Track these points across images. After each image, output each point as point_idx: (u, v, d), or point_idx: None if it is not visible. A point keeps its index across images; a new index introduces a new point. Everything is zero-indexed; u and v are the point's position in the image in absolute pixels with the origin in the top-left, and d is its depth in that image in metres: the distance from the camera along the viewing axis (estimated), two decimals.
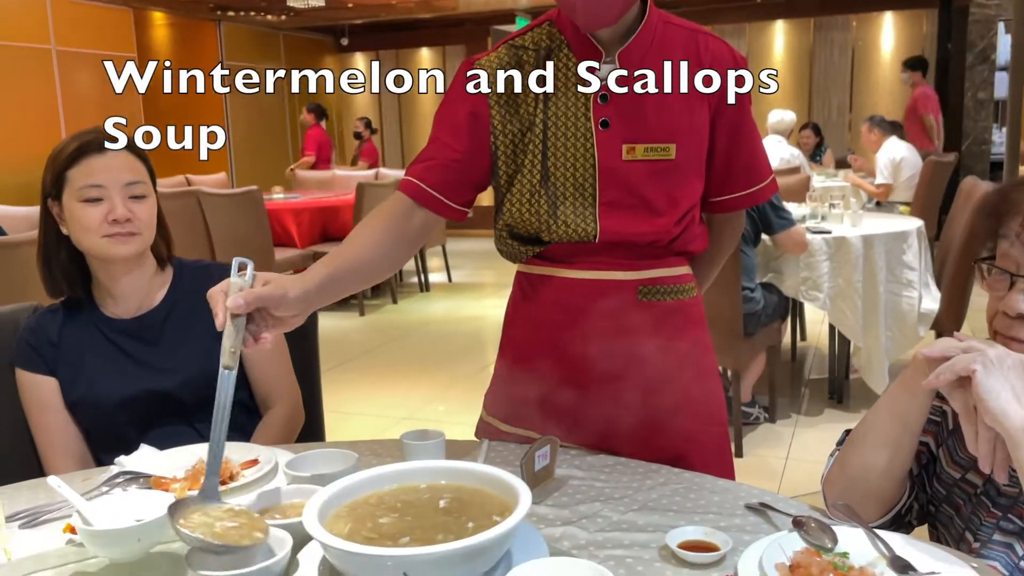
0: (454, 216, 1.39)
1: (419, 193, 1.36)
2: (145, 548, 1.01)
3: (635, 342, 1.34)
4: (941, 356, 1.04)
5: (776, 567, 0.95)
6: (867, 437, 1.15)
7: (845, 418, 3.76)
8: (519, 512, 0.89)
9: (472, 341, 5.52)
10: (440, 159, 1.36)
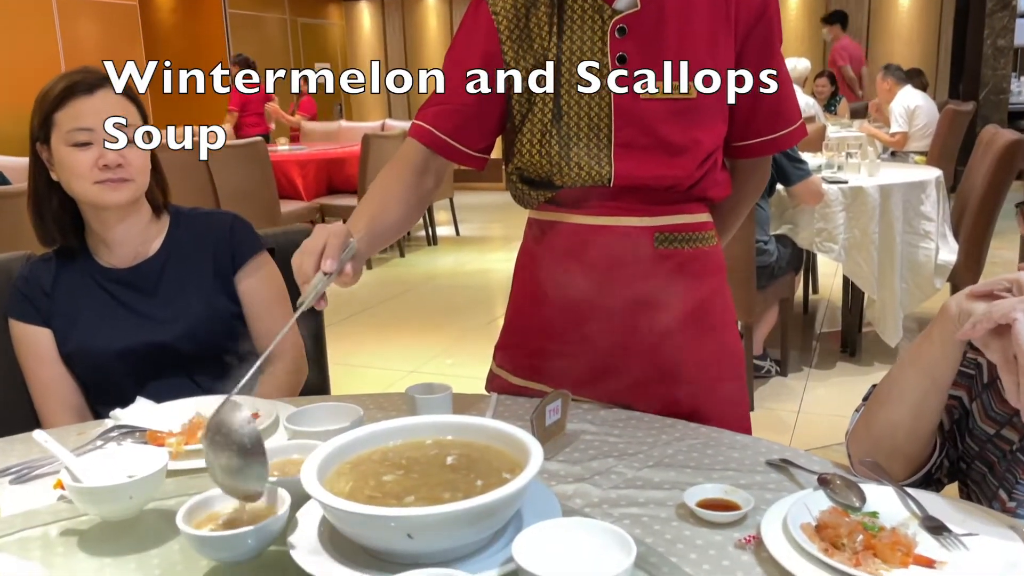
0: (472, 164, 1.32)
1: (434, 141, 1.29)
2: (138, 505, 0.97)
3: (651, 292, 1.28)
4: (988, 292, 0.98)
5: (802, 527, 0.90)
6: (892, 393, 1.08)
7: (857, 371, 3.71)
8: (530, 469, 0.83)
9: (480, 295, 5.46)
10: (453, 103, 1.29)
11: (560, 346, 1.35)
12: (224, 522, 0.88)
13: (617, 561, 0.76)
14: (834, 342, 4.07)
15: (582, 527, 0.82)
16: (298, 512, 0.91)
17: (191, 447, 1.15)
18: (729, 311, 1.35)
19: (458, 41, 1.32)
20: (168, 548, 0.93)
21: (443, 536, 0.80)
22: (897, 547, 0.86)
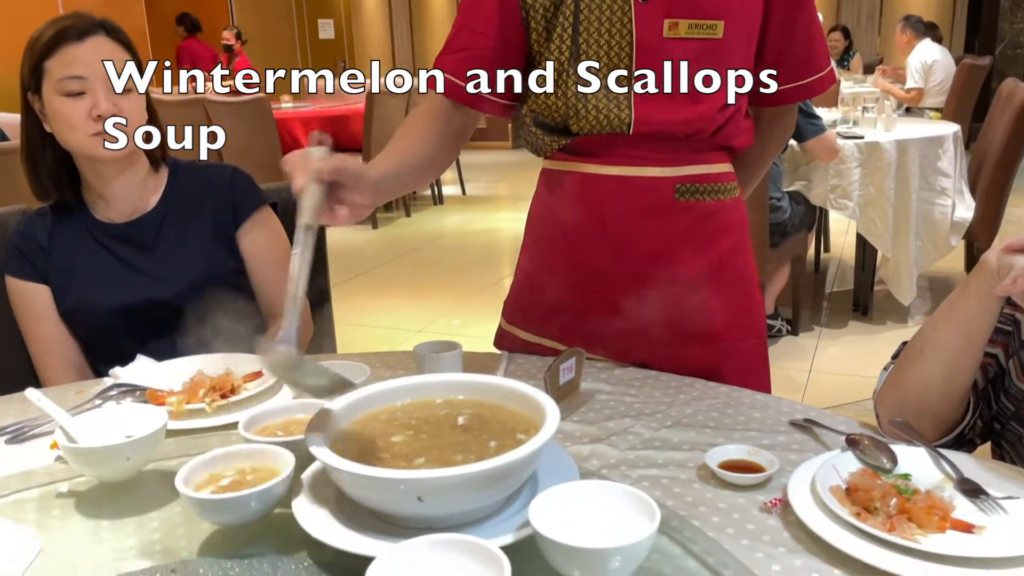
0: (498, 112, 1.26)
1: (457, 91, 1.23)
2: (136, 466, 0.93)
3: (670, 246, 1.22)
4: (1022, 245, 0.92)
5: (831, 490, 0.86)
6: (924, 350, 1.03)
7: (869, 331, 3.66)
8: (547, 429, 0.79)
9: (487, 254, 5.41)
10: (473, 49, 1.23)
11: (574, 302, 1.30)
12: (226, 484, 0.84)
13: (640, 526, 0.72)
14: (846, 301, 4.02)
15: (602, 490, 0.77)
16: (303, 474, 0.87)
17: (192, 406, 1.11)
18: (750, 266, 1.30)
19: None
20: (168, 510, 0.89)
21: (455, 499, 0.76)
22: (933, 511, 0.82)
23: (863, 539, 0.79)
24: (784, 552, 0.81)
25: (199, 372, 1.20)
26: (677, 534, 0.82)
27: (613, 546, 0.69)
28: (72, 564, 0.81)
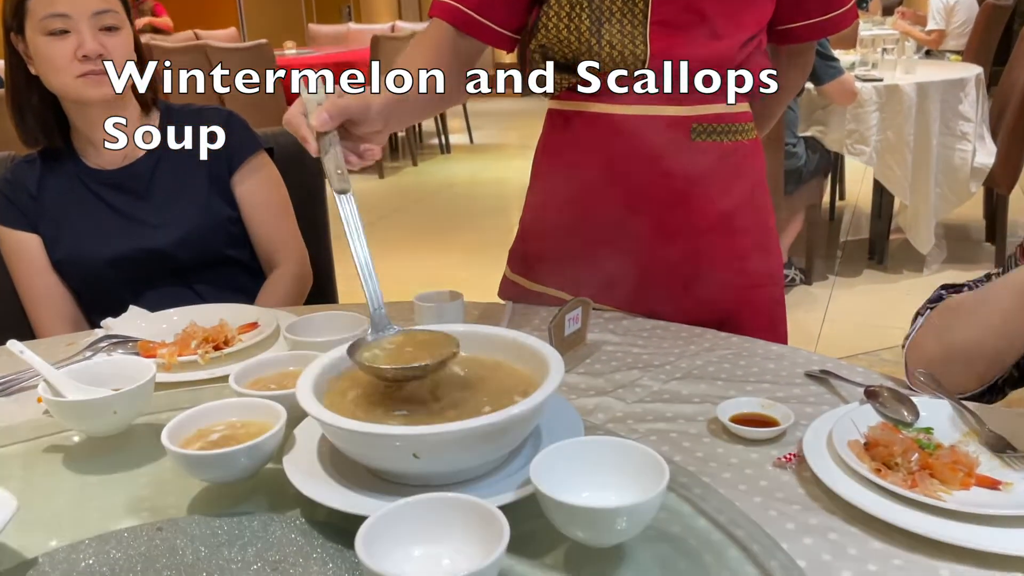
0: (501, 45, 1.19)
1: (459, 18, 1.16)
2: (123, 421, 0.89)
3: (685, 189, 1.16)
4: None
5: (849, 445, 0.82)
6: (980, 315, 0.95)
7: (885, 279, 3.60)
8: (550, 383, 0.75)
9: (496, 204, 5.34)
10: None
11: (581, 249, 1.25)
12: (215, 440, 0.81)
13: (648, 484, 0.68)
14: (860, 250, 3.95)
15: (608, 446, 0.73)
16: (295, 429, 0.83)
17: (185, 358, 1.07)
18: (768, 210, 1.24)
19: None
20: (158, 466, 0.86)
21: (452, 457, 0.72)
22: (957, 467, 0.78)
23: (883, 496, 0.75)
24: (799, 510, 0.77)
25: (192, 323, 1.16)
26: (686, 491, 0.78)
27: (619, 505, 0.65)
28: (57, 522, 0.78)
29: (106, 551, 0.71)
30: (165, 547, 0.71)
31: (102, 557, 0.70)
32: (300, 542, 0.72)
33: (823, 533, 0.73)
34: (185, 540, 0.72)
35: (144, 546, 0.72)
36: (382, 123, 0.97)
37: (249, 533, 0.73)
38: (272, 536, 0.73)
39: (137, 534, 0.73)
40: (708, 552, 0.70)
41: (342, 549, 0.70)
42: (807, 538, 0.73)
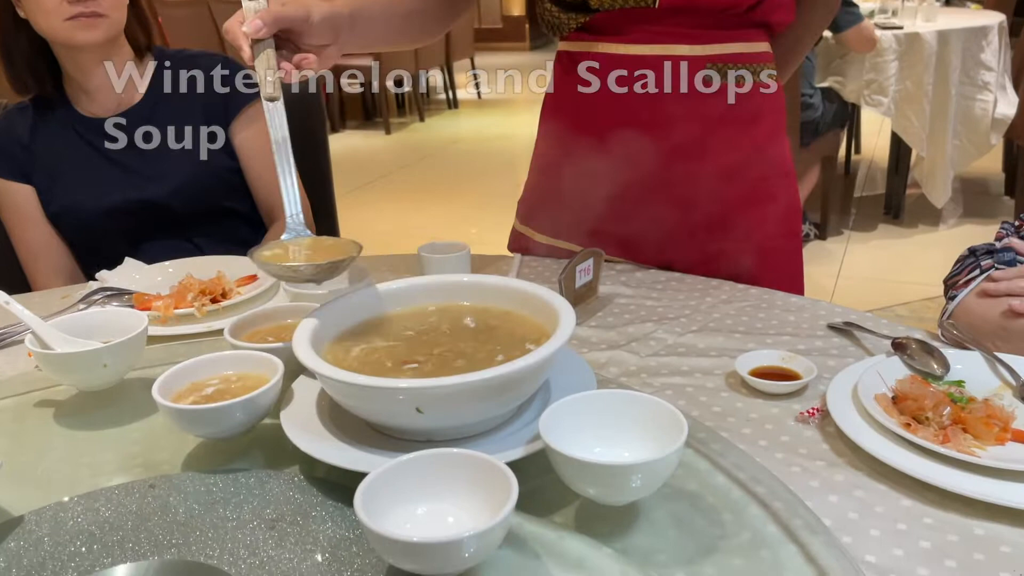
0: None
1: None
2: (115, 374, 0.86)
3: (700, 134, 1.11)
4: None
5: (876, 399, 0.78)
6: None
7: (900, 234, 3.54)
8: (561, 334, 0.71)
9: (503, 160, 5.26)
10: None
11: (591, 198, 1.19)
12: (209, 394, 0.77)
13: (665, 439, 0.64)
14: (875, 205, 3.87)
15: (622, 400, 0.69)
16: (293, 383, 0.79)
17: (181, 311, 1.04)
18: (787, 158, 1.18)
19: None
20: (151, 422, 0.82)
21: (458, 411, 0.68)
22: (992, 421, 0.74)
23: (913, 452, 0.71)
24: (823, 466, 0.73)
25: (188, 275, 1.12)
26: (704, 447, 0.74)
27: (635, 462, 0.61)
28: (46, 479, 0.75)
29: (95, 508, 0.68)
30: (157, 504, 0.68)
31: (91, 515, 0.67)
32: (298, 500, 0.68)
33: (849, 490, 0.70)
34: (178, 497, 0.69)
35: (135, 504, 0.68)
36: (330, 35, 0.90)
37: (245, 490, 0.70)
38: (269, 493, 0.69)
39: (128, 491, 0.70)
40: (727, 510, 0.66)
41: (342, 507, 0.67)
42: (832, 496, 0.69)
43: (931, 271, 3.12)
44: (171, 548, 0.63)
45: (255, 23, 0.83)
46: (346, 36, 0.93)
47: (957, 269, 1.02)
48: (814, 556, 0.60)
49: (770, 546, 0.62)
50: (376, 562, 0.60)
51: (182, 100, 1.42)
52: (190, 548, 0.63)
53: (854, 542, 0.64)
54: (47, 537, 0.65)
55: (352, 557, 0.61)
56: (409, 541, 0.54)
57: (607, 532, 0.64)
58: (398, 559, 0.56)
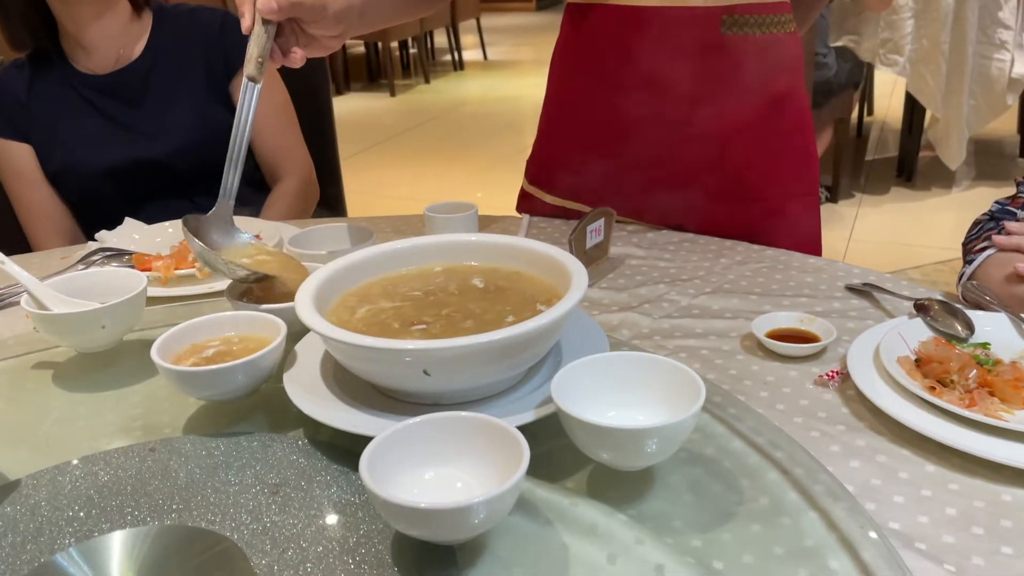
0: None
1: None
2: (113, 335, 0.84)
3: (715, 88, 1.07)
4: None
5: (898, 362, 0.75)
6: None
7: (913, 197, 3.48)
8: (573, 295, 0.68)
9: (510, 122, 5.19)
10: None
11: (602, 157, 1.16)
12: (210, 355, 0.75)
13: (680, 402, 0.62)
14: (888, 168, 3.81)
15: (636, 362, 0.67)
16: (297, 345, 0.77)
17: (182, 272, 1.01)
18: (805, 113, 1.14)
19: None
20: (152, 384, 0.80)
21: (467, 373, 0.66)
22: (1020, 384, 0.71)
23: (937, 416, 0.69)
24: (844, 430, 0.71)
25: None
26: (720, 411, 0.72)
27: (650, 426, 0.59)
28: (44, 442, 0.73)
29: (94, 472, 0.66)
30: (157, 468, 0.66)
31: (89, 479, 0.65)
32: (302, 464, 0.66)
33: (871, 456, 0.67)
34: (179, 461, 0.67)
35: (135, 468, 0.66)
36: (338, 28, 0.88)
37: (248, 454, 0.68)
38: (272, 458, 0.67)
39: (128, 455, 0.68)
40: (745, 476, 0.64)
41: (347, 471, 0.65)
42: (854, 461, 0.67)
43: (944, 234, 3.07)
44: (171, 513, 0.61)
45: (270, 5, 0.80)
46: (354, 28, 0.91)
47: (976, 232, 0.99)
48: (836, 523, 0.58)
49: (790, 513, 0.60)
50: (382, 528, 0.58)
51: (182, 56, 1.39)
52: (191, 513, 0.61)
53: (877, 509, 0.61)
54: (44, 502, 0.63)
55: (358, 523, 0.59)
56: (416, 507, 0.52)
57: (621, 498, 0.62)
58: (405, 525, 0.54)
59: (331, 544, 0.57)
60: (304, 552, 0.56)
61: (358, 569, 0.55)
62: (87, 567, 0.53)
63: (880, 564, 0.55)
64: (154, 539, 0.56)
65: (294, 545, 0.57)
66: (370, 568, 0.55)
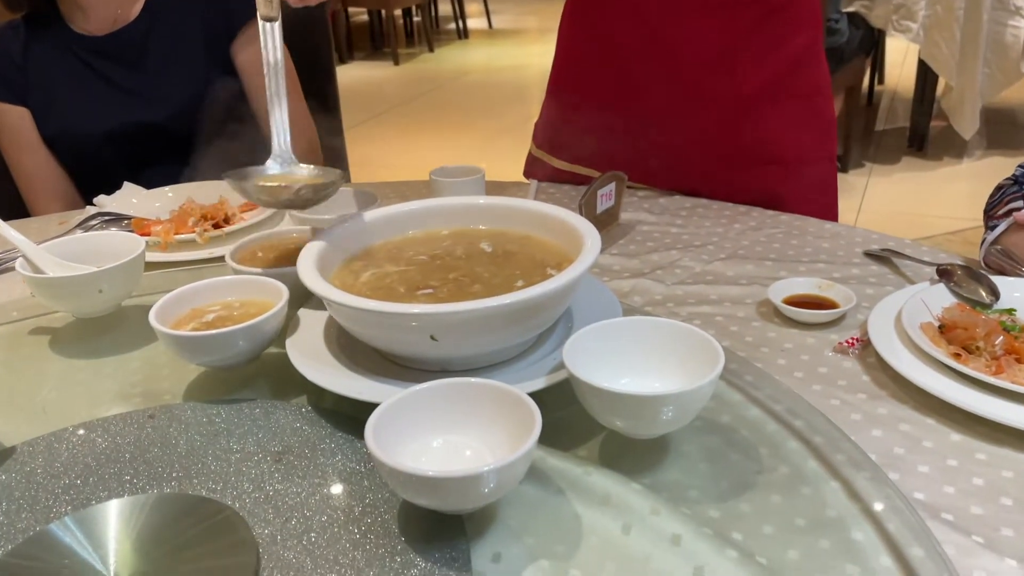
0: None
1: None
2: (111, 300, 0.81)
3: (730, 49, 1.03)
4: None
5: (921, 328, 0.73)
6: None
7: (924, 167, 3.44)
8: (585, 258, 0.65)
9: (515, 92, 5.13)
10: None
11: (613, 120, 1.13)
12: (210, 320, 0.73)
13: (696, 369, 0.59)
14: (898, 137, 3.75)
15: (651, 327, 0.64)
16: (299, 309, 0.75)
17: (182, 237, 0.99)
18: (823, 74, 1.11)
19: None
20: (152, 350, 0.78)
21: (475, 339, 0.63)
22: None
23: (963, 384, 0.66)
24: (865, 399, 0.68)
25: (189, 199, 1.06)
26: (737, 378, 0.70)
27: (667, 392, 0.57)
28: (41, 408, 0.71)
29: (92, 439, 0.64)
30: (157, 436, 0.64)
31: (87, 446, 0.63)
32: (306, 431, 0.64)
33: (894, 424, 0.65)
34: (179, 428, 0.65)
35: (133, 435, 0.64)
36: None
37: (249, 421, 0.66)
38: (275, 425, 0.65)
39: (127, 422, 0.66)
40: (763, 444, 0.62)
41: (352, 439, 0.63)
42: (875, 430, 0.65)
43: (956, 205, 3.03)
44: (171, 481, 0.59)
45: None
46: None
47: (999, 197, 0.96)
48: (859, 493, 0.56)
49: (811, 482, 0.58)
50: (389, 497, 0.56)
51: (181, 17, 1.35)
52: (191, 481, 0.59)
53: (901, 479, 0.59)
54: (40, 469, 0.61)
55: (363, 491, 0.57)
56: (424, 475, 0.50)
57: (634, 467, 0.60)
58: (413, 494, 0.52)
59: (336, 513, 0.55)
60: (308, 521, 0.55)
61: (364, 539, 0.53)
62: (83, 536, 0.51)
63: (906, 535, 0.53)
64: (152, 507, 0.54)
65: (297, 514, 0.55)
66: (376, 538, 0.53)
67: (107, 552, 0.50)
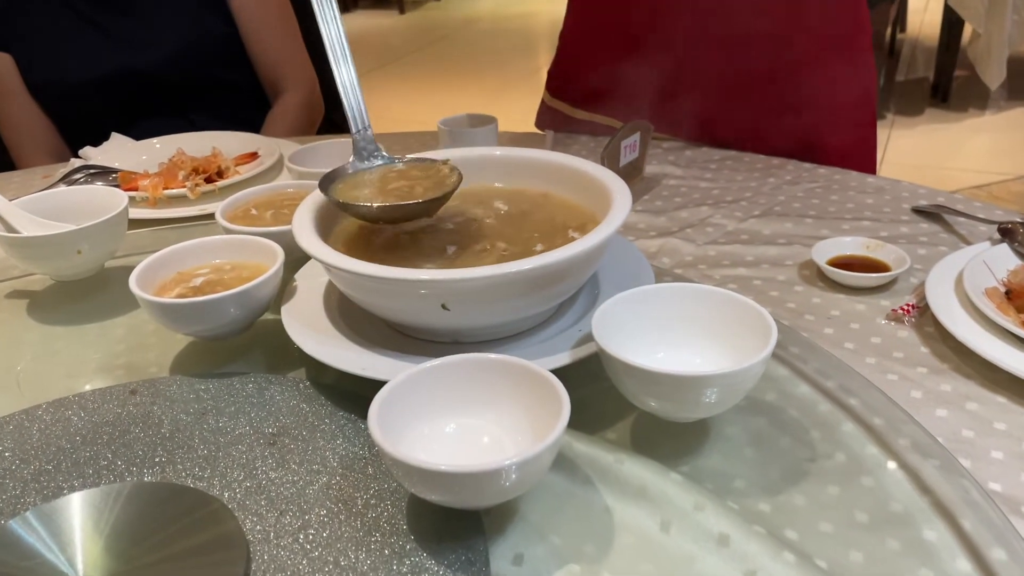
0: None
1: None
2: (92, 261, 0.75)
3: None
4: None
5: (986, 294, 0.65)
6: None
7: (948, 118, 3.32)
8: (614, 218, 0.58)
9: (523, 41, 4.98)
10: None
11: (634, 66, 1.04)
12: (198, 285, 0.66)
13: (742, 344, 0.52)
14: (920, 88, 3.63)
15: (689, 295, 0.57)
16: (296, 273, 0.68)
17: (172, 192, 0.92)
18: (861, 10, 1.01)
19: None
20: (138, 317, 0.72)
21: (491, 308, 0.56)
22: None
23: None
24: (925, 373, 0.61)
25: (179, 151, 0.99)
26: (781, 350, 0.63)
27: (712, 373, 0.50)
28: (14, 381, 0.65)
29: (66, 417, 0.58)
30: (139, 413, 0.58)
31: (60, 426, 0.57)
32: (303, 410, 0.58)
33: (959, 403, 0.58)
34: (163, 406, 0.59)
35: (112, 413, 0.58)
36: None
37: (241, 398, 0.59)
38: (269, 403, 0.59)
39: (105, 397, 0.60)
40: (815, 427, 0.55)
41: (355, 420, 0.56)
42: (940, 409, 0.58)
43: (981, 157, 2.93)
44: (152, 467, 0.53)
45: None
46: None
47: None
48: (929, 484, 0.50)
49: (871, 471, 0.51)
50: (396, 488, 0.50)
51: None
52: (175, 467, 0.53)
53: (973, 466, 0.53)
54: (9, 452, 0.55)
55: (367, 480, 0.51)
56: (436, 470, 0.43)
57: (671, 453, 0.53)
58: (423, 489, 0.46)
59: (336, 506, 0.49)
60: (304, 515, 0.48)
61: (368, 536, 0.47)
62: (47, 534, 0.45)
63: (984, 534, 0.46)
64: (128, 499, 0.47)
65: (293, 507, 0.49)
66: (382, 536, 0.47)
67: (75, 551, 0.44)
